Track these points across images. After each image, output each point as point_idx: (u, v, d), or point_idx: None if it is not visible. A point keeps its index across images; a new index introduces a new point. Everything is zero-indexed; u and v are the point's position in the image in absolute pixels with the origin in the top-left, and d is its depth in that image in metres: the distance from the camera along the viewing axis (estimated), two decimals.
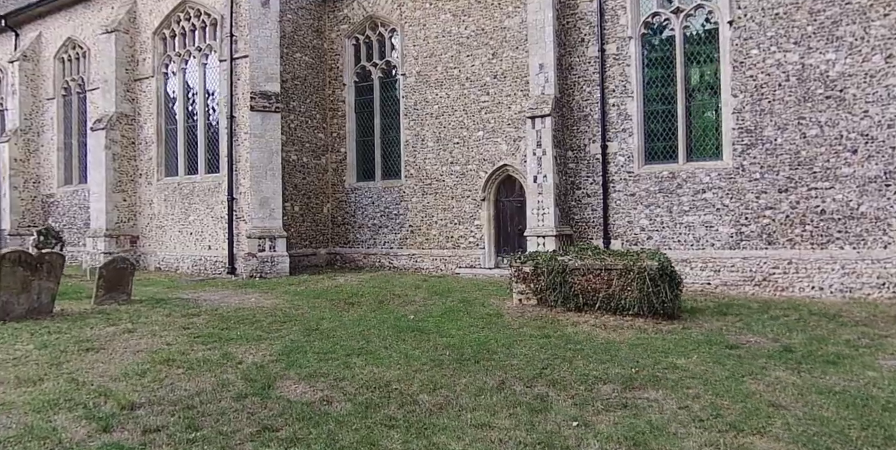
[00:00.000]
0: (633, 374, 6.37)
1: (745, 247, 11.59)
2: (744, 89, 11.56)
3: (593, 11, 12.74)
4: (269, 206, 13.79)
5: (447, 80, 14.43)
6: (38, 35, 18.86)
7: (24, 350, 7.25)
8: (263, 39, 13.85)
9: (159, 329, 8.42)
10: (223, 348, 7.29)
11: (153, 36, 16.13)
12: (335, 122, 16.17)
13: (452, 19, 14.32)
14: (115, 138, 16.07)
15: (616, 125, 12.62)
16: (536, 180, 12.51)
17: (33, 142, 18.96)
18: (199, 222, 15.36)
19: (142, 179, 16.52)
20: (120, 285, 10.59)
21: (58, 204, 18.60)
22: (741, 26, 11.54)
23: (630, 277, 9.04)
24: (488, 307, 10.12)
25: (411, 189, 14.96)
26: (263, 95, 13.85)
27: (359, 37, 15.81)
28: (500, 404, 5.43)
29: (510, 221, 13.93)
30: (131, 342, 7.67)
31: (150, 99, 16.27)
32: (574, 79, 12.97)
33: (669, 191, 12.16)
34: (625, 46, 12.50)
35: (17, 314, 9.06)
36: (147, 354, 7.08)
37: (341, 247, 16.07)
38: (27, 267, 9.08)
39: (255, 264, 13.64)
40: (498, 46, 13.78)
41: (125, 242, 16.29)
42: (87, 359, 6.86)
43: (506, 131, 13.71)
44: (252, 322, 8.93)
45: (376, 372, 6.35)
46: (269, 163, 13.77)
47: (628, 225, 12.54)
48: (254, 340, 7.80)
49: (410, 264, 14.90)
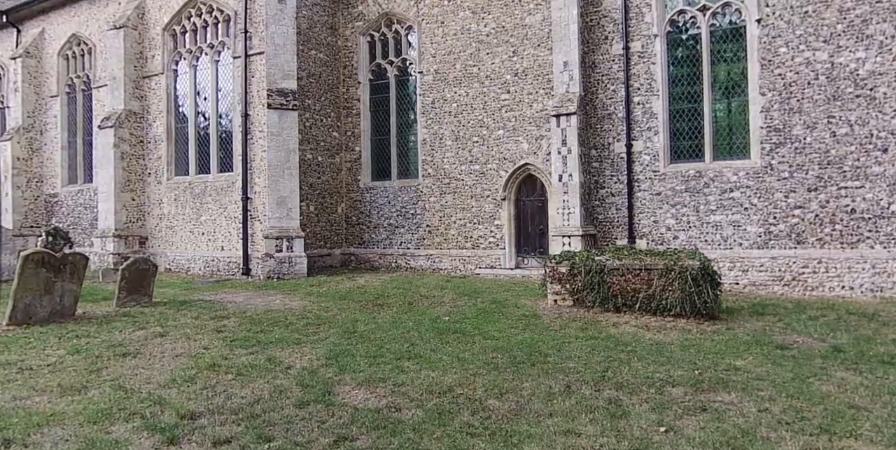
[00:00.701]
0: (697, 376, 6.22)
1: (774, 246, 11.50)
2: (772, 88, 11.46)
3: (618, 9, 12.60)
4: (287, 205, 13.51)
5: (466, 78, 14.23)
6: (41, 31, 18.41)
7: (56, 355, 6.98)
8: (280, 36, 13.58)
9: (191, 333, 8.16)
10: (265, 353, 7.06)
11: (163, 32, 15.79)
12: (349, 120, 15.92)
13: (472, 16, 14.13)
14: (124, 137, 15.71)
15: (641, 124, 12.49)
16: (562, 179, 12.34)
17: (36, 140, 18.52)
18: (211, 222, 15.04)
19: (150, 179, 16.16)
20: (141, 287, 10.29)
21: (62, 204, 18.17)
22: (769, 24, 11.44)
23: (671, 277, 8.90)
24: (522, 308, 9.94)
25: (429, 188, 14.74)
26: (280, 93, 13.58)
27: (374, 34, 15.57)
28: (575, 409, 5.24)
29: (531, 221, 13.76)
30: (166, 346, 7.41)
31: (160, 96, 15.92)
32: (597, 77, 12.83)
33: (696, 190, 12.05)
34: (650, 44, 12.37)
35: (39, 317, 8.76)
36: (187, 359, 6.84)
37: (356, 247, 15.82)
38: (50, 268, 8.78)
39: (273, 265, 13.36)
40: (519, 44, 13.60)
41: (134, 242, 15.93)
42: (126, 365, 6.60)
43: (527, 130, 13.54)
44: (285, 325, 8.69)
45: (433, 376, 6.14)
46: (286, 162, 13.50)
47: (654, 224, 12.41)
48: (293, 343, 7.56)
49: (428, 265, 14.68)
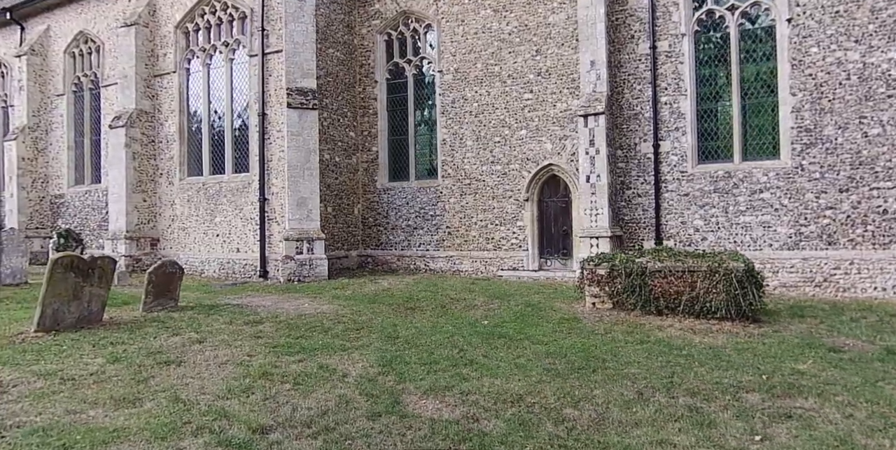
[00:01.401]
0: (766, 381, 6.09)
1: (805, 247, 11.42)
2: (803, 88, 11.38)
3: (644, 7, 12.47)
4: (307, 206, 13.26)
5: (487, 78, 14.04)
6: (47, 29, 18.01)
7: (96, 364, 6.70)
8: (299, 34, 13.32)
9: (230, 339, 7.90)
10: (314, 360, 6.83)
11: (175, 30, 15.47)
12: (366, 120, 15.69)
13: (493, 15, 13.95)
14: (135, 136, 15.38)
15: (668, 124, 12.37)
16: (589, 180, 12.20)
17: (41, 140, 18.11)
18: (226, 224, 14.75)
19: (162, 179, 15.84)
20: (168, 291, 10.01)
21: (68, 205, 17.78)
22: (800, 24, 11.36)
23: (716, 280, 8.77)
24: (559, 311, 9.78)
25: (449, 189, 14.54)
26: (300, 92, 13.32)
27: (391, 32, 15.35)
28: (658, 417, 5.08)
29: (554, 222, 13.60)
30: (208, 354, 7.16)
31: (172, 95, 15.60)
32: (623, 76, 12.69)
33: (725, 191, 11.95)
34: (678, 43, 12.25)
35: (67, 323, 8.46)
36: (234, 366, 6.59)
37: (373, 249, 15.59)
38: (79, 273, 8.48)
39: (293, 268, 13.10)
40: (542, 43, 13.44)
41: (145, 244, 15.61)
42: (172, 374, 6.35)
43: (551, 130, 13.38)
44: (324, 330, 8.46)
45: (498, 384, 5.96)
46: (306, 162, 13.24)
47: (681, 225, 12.30)
48: (339, 350, 7.34)
49: (448, 267, 14.49)
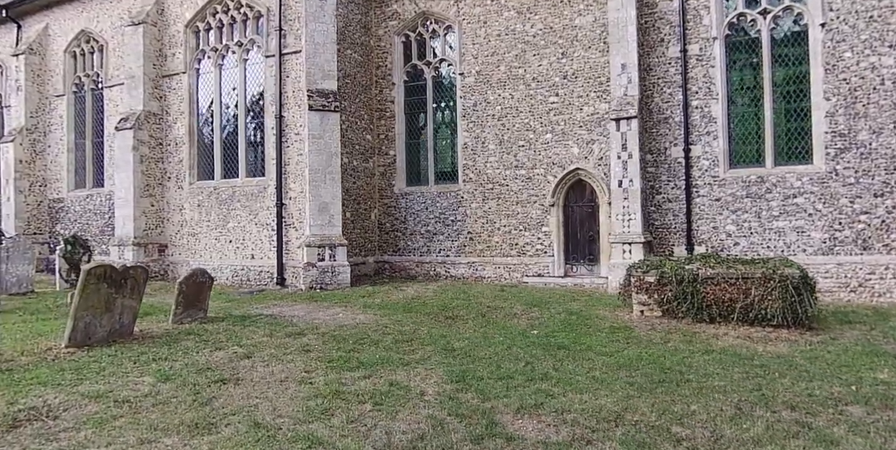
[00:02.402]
0: (857, 392, 5.92)
1: (840, 253, 11.34)
2: (836, 93, 11.32)
3: (674, 11, 12.33)
4: (329, 212, 12.86)
5: (511, 81, 13.79)
6: (45, 27, 17.33)
7: (146, 384, 6.26)
8: (320, 34, 12.94)
9: (278, 353, 7.51)
10: (380, 376, 6.46)
11: (185, 29, 14.96)
12: (382, 123, 15.32)
13: (517, 17, 13.71)
14: (143, 139, 14.82)
15: (699, 128, 12.24)
16: (621, 185, 12.00)
17: (40, 142, 17.40)
18: (240, 229, 14.27)
19: (170, 183, 15.28)
20: (198, 301, 9.56)
21: (67, 209, 17.09)
22: (833, 28, 11.31)
23: (771, 286, 8.61)
24: (606, 320, 9.54)
25: (470, 194, 14.24)
26: (321, 94, 12.93)
27: (409, 34, 15.01)
28: (773, 435, 4.83)
29: (580, 227, 13.38)
30: (262, 370, 6.75)
31: (181, 97, 15.07)
32: (653, 80, 12.54)
33: (758, 195, 11.83)
34: (708, 47, 12.13)
35: (98, 337, 7.98)
36: (297, 384, 6.21)
37: (390, 255, 15.21)
38: (111, 283, 8.01)
39: (315, 275, 12.68)
40: (568, 46, 13.23)
41: (153, 250, 15.04)
42: (234, 394, 5.94)
43: (577, 134, 13.17)
44: (373, 342, 8.09)
45: (586, 400, 5.67)
46: (327, 166, 12.85)
47: (713, 231, 12.16)
48: (400, 364, 6.99)
49: (470, 273, 14.18)
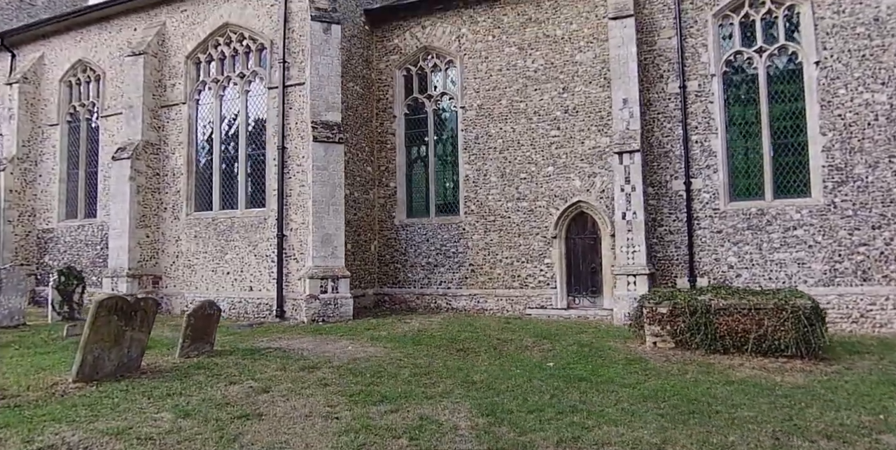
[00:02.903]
0: (885, 421, 5.96)
1: (840, 284, 11.52)
2: (832, 128, 11.69)
3: (672, 48, 12.72)
4: (332, 243, 12.74)
5: (512, 114, 14.00)
6: (41, 56, 17.24)
7: (166, 420, 6.01)
8: (325, 66, 13.06)
9: (296, 387, 7.31)
10: (407, 410, 6.30)
11: (186, 60, 15.00)
12: (383, 155, 15.38)
13: (518, 53, 14.01)
14: (140, 169, 14.65)
15: (700, 162, 12.49)
16: (625, 217, 12.12)
17: (30, 171, 17.09)
18: (238, 261, 14.04)
19: (167, 214, 15.06)
20: (206, 334, 9.32)
21: (57, 240, 16.69)
22: (828, 66, 11.74)
23: (783, 317, 8.67)
24: (619, 351, 9.50)
25: (472, 226, 14.26)
26: (325, 125, 12.97)
27: (410, 68, 15.23)
28: None
29: (582, 260, 13.43)
30: (283, 405, 6.54)
31: (180, 127, 15.00)
32: (653, 115, 12.83)
33: (759, 228, 12.03)
34: (707, 84, 12.49)
35: (106, 372, 7.71)
36: (323, 420, 6.02)
37: (389, 287, 15.06)
38: (122, 316, 7.79)
39: (318, 307, 12.47)
40: (569, 81, 13.53)
41: (147, 282, 14.70)
42: (260, 430, 5.74)
43: (579, 167, 13.35)
44: (391, 375, 7.93)
45: (624, 432, 5.58)
46: (331, 197, 12.79)
47: (715, 262, 12.29)
48: (423, 397, 6.84)
49: (472, 305, 14.07)
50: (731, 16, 12.44)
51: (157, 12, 15.55)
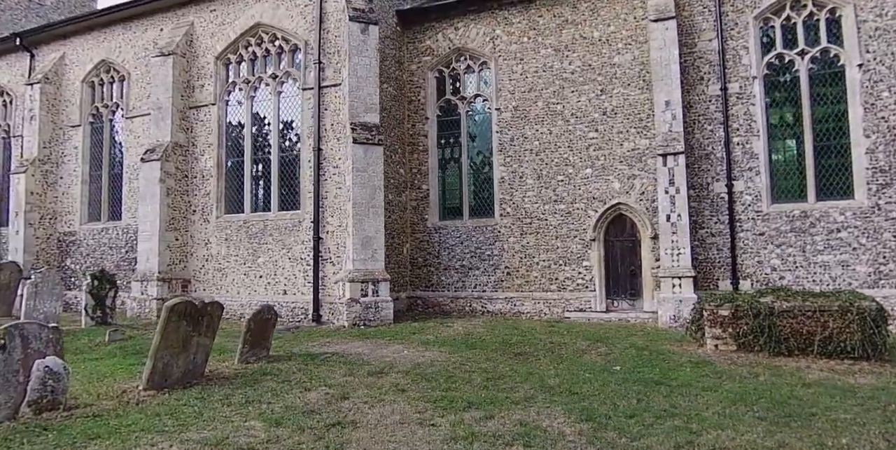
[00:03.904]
0: None
1: (885, 286, 11.55)
2: (876, 130, 11.72)
3: (713, 50, 12.72)
4: (372, 246, 12.59)
5: (549, 116, 13.93)
6: (61, 56, 16.95)
7: (258, 429, 5.84)
8: (363, 67, 12.92)
9: (373, 393, 7.16)
10: (501, 416, 6.17)
11: (215, 61, 14.79)
12: (415, 157, 15.25)
13: (554, 54, 13.95)
14: (169, 171, 14.42)
15: (741, 164, 12.48)
16: (669, 219, 12.08)
17: (52, 173, 16.78)
18: (271, 264, 13.85)
19: (195, 217, 14.83)
20: (262, 339, 9.16)
21: (79, 243, 16.38)
22: (871, 69, 11.78)
23: (849, 319, 8.65)
24: (680, 355, 9.43)
25: (507, 228, 14.16)
26: (364, 127, 12.82)
27: (443, 69, 15.12)
28: None
29: (621, 262, 13.38)
30: (370, 412, 6.39)
31: (210, 128, 14.79)
32: (693, 117, 12.80)
33: (802, 230, 12.04)
34: (748, 86, 12.49)
35: (174, 379, 7.52)
36: (419, 427, 5.88)
37: (422, 290, 14.92)
38: (190, 321, 7.61)
39: (359, 311, 12.30)
40: (607, 83, 13.49)
41: (177, 286, 14.46)
42: (360, 437, 5.59)
43: (618, 169, 13.30)
44: (464, 381, 7.80)
45: (734, 436, 5.50)
46: (371, 199, 12.64)
47: (758, 265, 12.28)
48: (509, 403, 6.71)
49: (508, 308, 13.97)
50: (772, 18, 12.46)
51: (184, 12, 15.34)
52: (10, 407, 6.09)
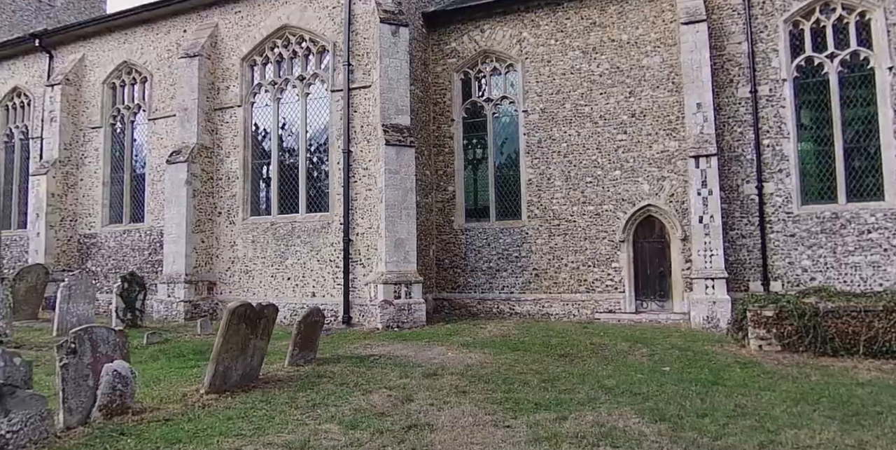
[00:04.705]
0: None
1: None
2: None
3: (742, 53, 12.81)
4: (404, 248, 12.59)
5: (577, 118, 13.98)
6: (81, 58, 16.84)
7: (335, 431, 5.81)
8: (394, 70, 12.92)
9: (434, 395, 7.16)
10: (575, 417, 6.18)
11: (241, 62, 14.76)
12: (440, 159, 15.26)
13: (582, 56, 14.01)
14: (196, 172, 14.36)
15: (771, 166, 12.57)
16: (702, 221, 12.15)
17: (72, 175, 16.68)
18: (299, 266, 13.82)
19: (220, 218, 14.78)
20: (310, 342, 9.14)
21: (100, 245, 16.28)
22: None
23: (894, 319, 8.74)
24: (725, 355, 9.49)
25: (535, 230, 14.19)
26: (395, 129, 12.83)
27: (468, 71, 15.14)
28: None
29: (650, 264, 13.44)
30: (440, 414, 6.38)
31: (235, 130, 14.75)
32: (723, 119, 12.89)
33: (832, 231, 12.14)
34: (778, 88, 12.59)
35: (232, 382, 7.51)
36: (495, 428, 5.89)
37: (448, 292, 14.93)
38: (249, 324, 7.60)
39: (392, 313, 12.30)
40: (636, 85, 13.55)
41: (203, 288, 14.40)
42: (442, 439, 5.58)
43: (647, 171, 13.37)
44: (521, 382, 7.81)
45: (814, 435, 5.54)
46: (403, 201, 12.65)
47: (789, 266, 12.37)
48: (575, 404, 6.72)
49: (536, 310, 14.00)
50: (801, 21, 12.57)
51: (207, 14, 15.30)
52: (81, 412, 6.05)
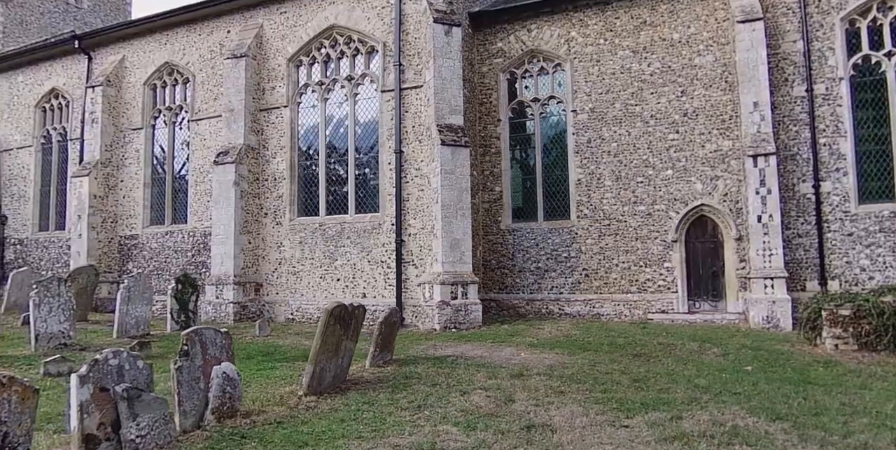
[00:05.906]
0: None
1: None
2: None
3: (798, 52, 12.78)
4: (460, 248, 12.54)
5: (627, 118, 13.94)
6: (122, 59, 16.79)
7: (455, 433, 5.74)
8: (447, 69, 12.89)
9: (533, 395, 7.11)
10: (690, 418, 6.11)
11: (287, 63, 14.71)
12: (487, 159, 15.21)
13: (632, 56, 13.97)
14: (243, 173, 14.31)
15: (828, 165, 12.54)
16: (761, 220, 12.11)
17: (113, 176, 16.62)
18: (349, 267, 13.76)
19: (267, 220, 14.72)
20: (389, 343, 9.10)
21: (142, 247, 16.21)
22: None
23: None
24: (801, 355, 9.46)
25: (585, 230, 14.15)
26: (449, 129, 12.78)
27: (515, 71, 15.11)
28: None
29: (702, 263, 13.41)
30: (549, 415, 6.32)
31: (282, 131, 14.70)
32: (778, 118, 12.83)
33: (891, 230, 12.09)
34: (834, 87, 12.56)
35: (326, 383, 7.47)
36: (613, 428, 5.84)
37: (496, 293, 14.87)
38: (342, 325, 7.55)
39: (450, 314, 12.25)
40: (688, 84, 13.52)
41: (250, 289, 14.35)
42: (566, 440, 5.50)
43: (700, 170, 13.33)
44: (612, 382, 7.75)
45: None
46: (458, 201, 12.59)
47: (846, 265, 12.32)
48: (680, 403, 6.65)
49: (587, 310, 13.94)
50: (858, 19, 12.54)
51: (252, 14, 15.26)
52: (195, 415, 6.00)
